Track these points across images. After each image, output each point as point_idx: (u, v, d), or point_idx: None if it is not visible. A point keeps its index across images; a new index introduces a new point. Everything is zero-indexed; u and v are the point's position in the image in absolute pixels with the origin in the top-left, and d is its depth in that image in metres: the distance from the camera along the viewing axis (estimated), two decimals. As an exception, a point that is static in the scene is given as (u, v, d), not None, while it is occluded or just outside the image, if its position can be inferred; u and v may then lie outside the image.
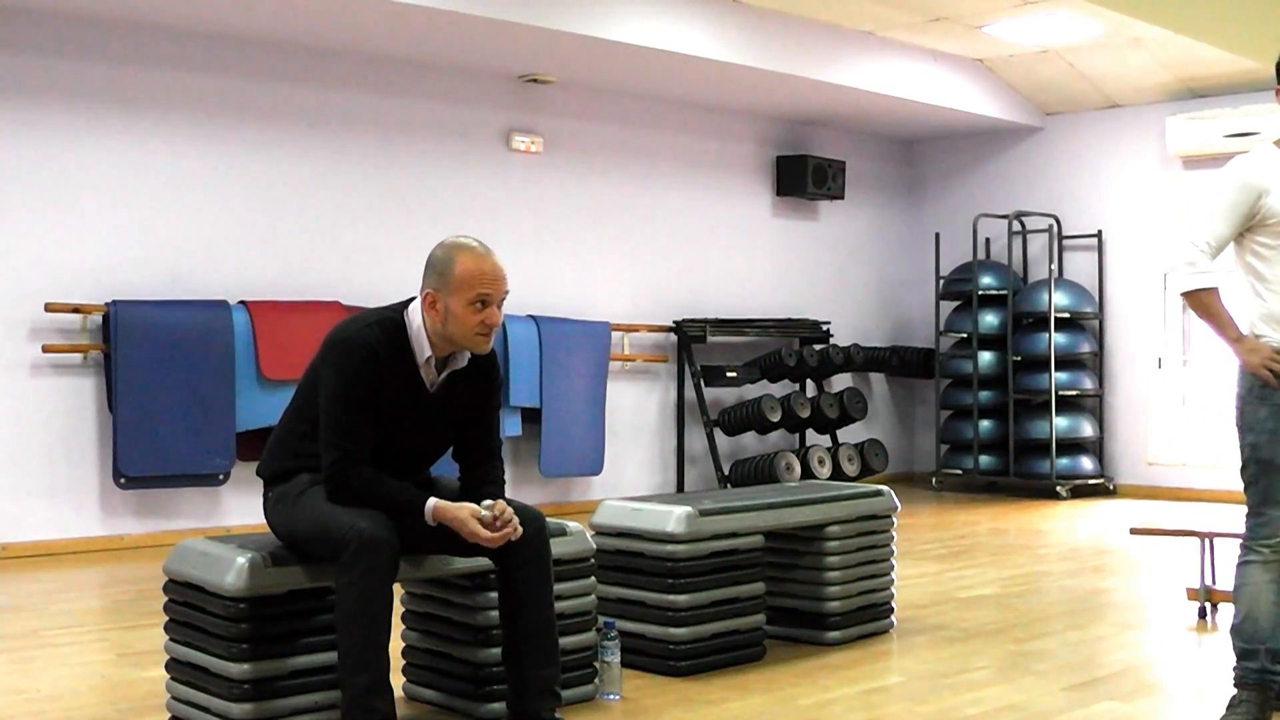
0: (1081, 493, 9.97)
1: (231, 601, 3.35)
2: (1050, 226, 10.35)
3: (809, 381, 10.09)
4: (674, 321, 9.55)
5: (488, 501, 3.46)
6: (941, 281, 10.61)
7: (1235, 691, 3.67)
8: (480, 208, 8.59)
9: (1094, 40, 9.13)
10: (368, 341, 3.43)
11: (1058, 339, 9.92)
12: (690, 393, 9.55)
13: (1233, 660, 3.71)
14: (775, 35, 8.69)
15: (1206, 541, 5.35)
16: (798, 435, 10.12)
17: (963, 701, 4.06)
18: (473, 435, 3.65)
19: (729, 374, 9.47)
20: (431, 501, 3.42)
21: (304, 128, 7.96)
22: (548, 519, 3.68)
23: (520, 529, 3.46)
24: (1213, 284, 3.66)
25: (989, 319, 10.31)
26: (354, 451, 3.39)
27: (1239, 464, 3.69)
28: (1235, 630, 3.68)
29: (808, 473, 9.33)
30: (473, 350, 3.53)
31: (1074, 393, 10.04)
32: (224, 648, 3.38)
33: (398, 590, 3.43)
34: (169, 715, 3.64)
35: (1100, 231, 10.38)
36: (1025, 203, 10.58)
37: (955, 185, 11.22)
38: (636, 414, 9.43)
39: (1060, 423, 9.93)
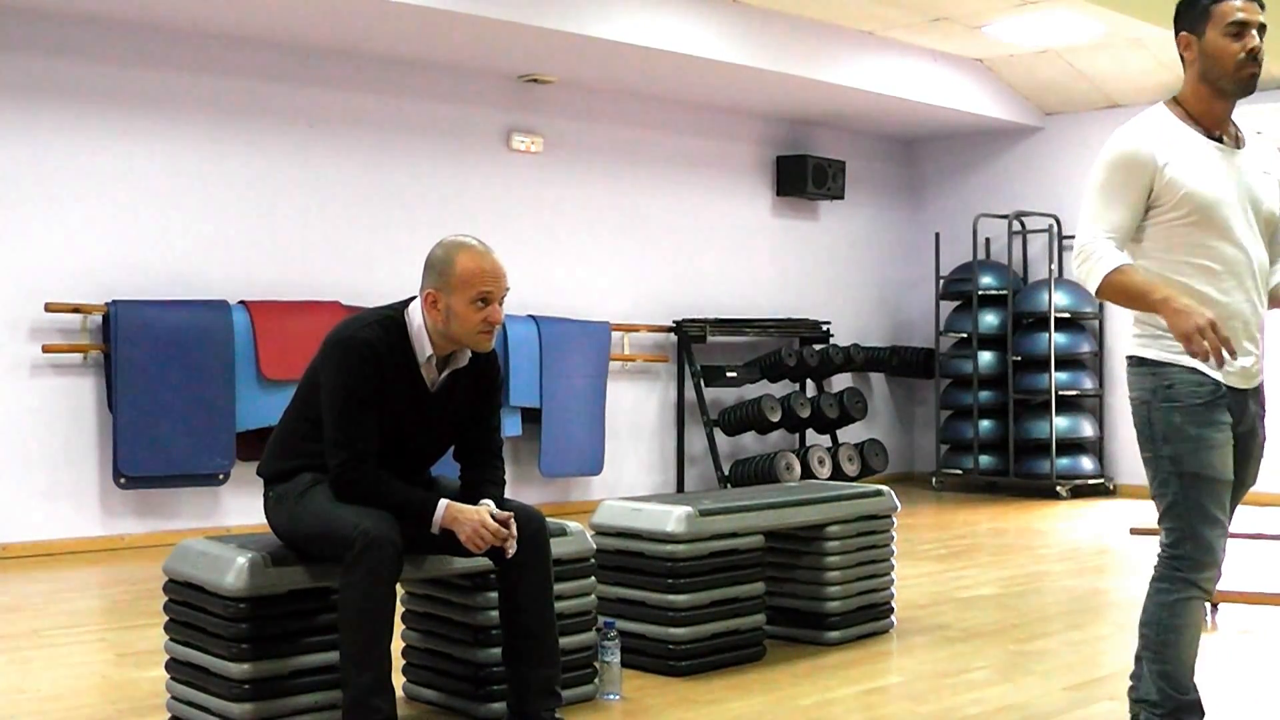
0: (1081, 493, 9.97)
1: (231, 601, 3.35)
2: (1050, 226, 10.34)
3: (809, 381, 10.08)
4: (674, 321, 9.55)
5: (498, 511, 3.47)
6: (941, 281, 10.61)
7: None
8: (480, 208, 8.59)
9: (1094, 40, 9.13)
10: (368, 341, 3.43)
11: (1058, 339, 9.92)
12: (690, 393, 9.54)
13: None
14: (775, 35, 8.68)
15: (1206, 541, 5.35)
16: (798, 435, 10.12)
17: (963, 701, 4.06)
18: (473, 435, 3.65)
19: (729, 374, 9.46)
20: (443, 503, 3.41)
21: (304, 128, 7.96)
22: (548, 519, 3.69)
23: (515, 548, 3.46)
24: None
25: (989, 319, 10.31)
26: (361, 452, 3.40)
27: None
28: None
29: (808, 473, 9.33)
30: (475, 348, 3.53)
31: (1074, 393, 10.03)
32: (224, 648, 3.38)
33: (398, 590, 3.43)
34: (169, 715, 3.64)
35: (1100, 231, 10.36)
36: (1025, 203, 10.57)
37: (955, 185, 11.21)
38: (636, 414, 9.42)
39: (1060, 423, 9.92)
